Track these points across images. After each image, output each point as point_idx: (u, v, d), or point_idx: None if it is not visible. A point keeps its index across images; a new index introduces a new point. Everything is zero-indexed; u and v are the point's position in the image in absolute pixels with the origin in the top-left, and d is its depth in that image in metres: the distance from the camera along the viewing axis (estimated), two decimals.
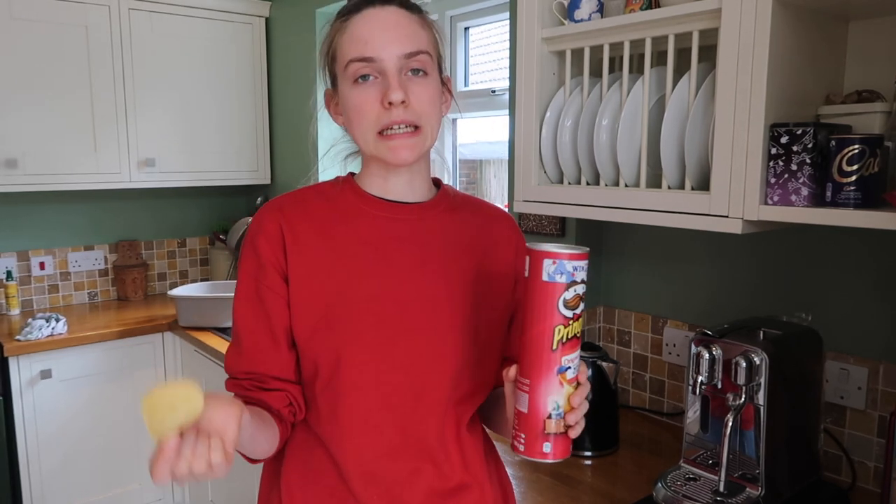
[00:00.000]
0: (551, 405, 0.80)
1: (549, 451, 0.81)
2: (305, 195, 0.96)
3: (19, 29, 2.47)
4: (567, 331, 0.78)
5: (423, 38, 0.89)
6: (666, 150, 1.27)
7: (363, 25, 0.87)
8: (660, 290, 1.75)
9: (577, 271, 0.77)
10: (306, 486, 0.94)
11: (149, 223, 3.16)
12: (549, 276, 0.77)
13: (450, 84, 0.98)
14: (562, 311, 0.78)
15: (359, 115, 0.88)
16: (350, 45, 0.87)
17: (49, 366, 2.42)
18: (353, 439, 0.90)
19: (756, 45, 1.12)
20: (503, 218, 1.05)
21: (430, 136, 0.90)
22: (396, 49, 0.86)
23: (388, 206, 0.95)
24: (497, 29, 2.40)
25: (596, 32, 1.39)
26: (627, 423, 1.70)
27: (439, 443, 0.93)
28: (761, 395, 1.19)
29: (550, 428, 0.80)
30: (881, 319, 1.34)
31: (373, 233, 0.93)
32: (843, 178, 1.06)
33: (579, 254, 0.78)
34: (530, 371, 0.80)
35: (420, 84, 0.87)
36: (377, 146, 0.89)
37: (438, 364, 0.91)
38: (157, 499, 2.72)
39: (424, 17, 0.91)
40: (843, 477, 1.39)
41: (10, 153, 2.49)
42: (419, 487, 0.92)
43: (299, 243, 0.91)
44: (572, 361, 0.80)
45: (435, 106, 0.90)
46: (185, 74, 2.87)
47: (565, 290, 0.77)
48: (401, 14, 0.88)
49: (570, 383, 0.80)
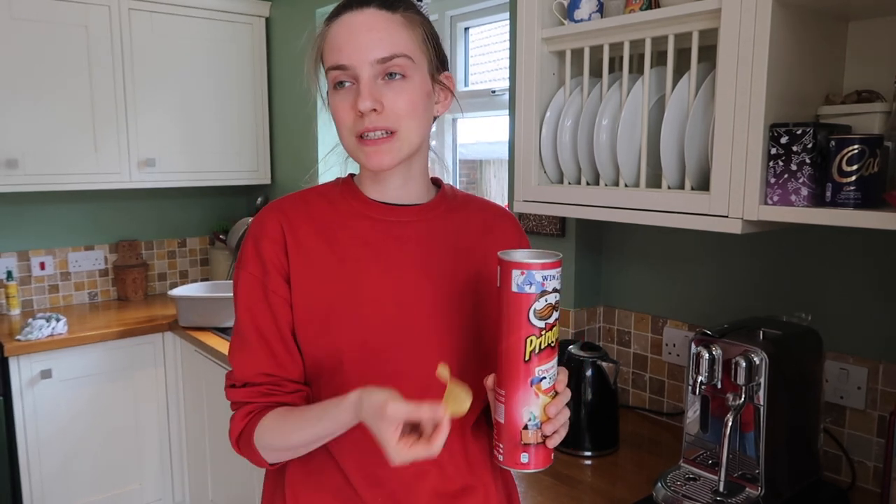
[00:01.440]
0: (527, 416, 0.79)
1: (527, 461, 0.81)
2: (306, 197, 0.96)
3: (19, 29, 2.47)
4: (539, 341, 0.77)
5: (403, 39, 0.87)
6: (666, 150, 1.27)
7: (339, 31, 0.87)
8: (660, 290, 1.75)
9: (547, 281, 0.76)
10: (311, 487, 0.94)
11: (149, 223, 3.16)
12: (519, 287, 0.76)
13: (450, 81, 0.96)
14: (533, 322, 0.77)
15: (338, 121, 0.89)
16: (328, 53, 0.88)
17: (49, 366, 2.42)
18: (356, 442, 0.90)
19: (756, 45, 1.12)
20: (505, 216, 1.05)
21: (409, 140, 0.88)
22: (368, 55, 0.84)
23: (388, 210, 0.94)
24: (497, 29, 2.40)
25: (596, 32, 1.39)
26: (627, 423, 1.70)
27: (444, 445, 0.93)
28: (761, 395, 1.19)
29: (527, 438, 0.80)
30: (881, 319, 1.34)
31: (373, 235, 0.93)
32: (843, 178, 1.06)
33: (549, 263, 0.76)
34: (505, 382, 0.80)
35: (395, 89, 0.86)
36: (357, 151, 0.89)
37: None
38: (158, 499, 2.72)
39: (409, 14, 0.89)
40: (842, 477, 1.39)
41: (10, 153, 2.49)
42: (423, 489, 0.92)
43: (301, 245, 0.91)
44: (547, 371, 0.79)
45: (415, 109, 0.88)
46: (186, 74, 2.87)
47: (535, 301, 0.76)
48: (377, 16, 0.86)
49: (546, 393, 0.80)
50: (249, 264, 0.92)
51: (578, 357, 1.55)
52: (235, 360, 0.93)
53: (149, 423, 2.68)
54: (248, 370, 0.92)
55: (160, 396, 2.70)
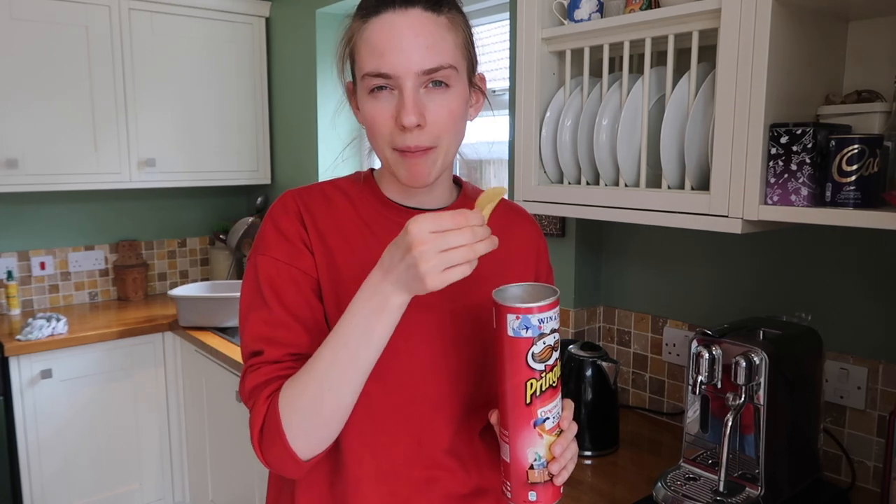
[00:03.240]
0: (532, 456, 0.78)
1: (535, 499, 0.80)
2: (326, 191, 0.93)
3: (19, 29, 2.47)
4: (540, 384, 0.76)
5: (449, 45, 0.82)
6: (666, 150, 1.27)
7: (380, 32, 0.80)
8: (660, 290, 1.75)
9: (544, 323, 0.74)
10: (321, 491, 0.92)
11: (149, 223, 3.16)
12: (515, 332, 0.74)
13: (483, 83, 0.92)
14: (532, 366, 0.75)
15: (373, 128, 0.84)
16: (367, 55, 0.81)
17: (49, 366, 2.42)
18: (368, 447, 0.89)
19: (756, 45, 1.12)
20: (525, 216, 1.03)
21: (447, 153, 0.86)
22: (415, 65, 0.79)
23: (409, 214, 0.91)
24: (497, 29, 2.40)
25: (596, 32, 1.39)
26: (627, 423, 1.70)
27: (454, 451, 0.92)
28: (761, 395, 1.19)
29: (534, 478, 0.79)
30: (881, 319, 1.34)
31: (392, 239, 0.91)
32: (843, 178, 1.06)
33: (545, 305, 0.74)
34: (508, 424, 0.79)
35: (439, 99, 0.82)
36: (394, 161, 0.84)
37: (455, 373, 0.90)
38: (158, 499, 2.72)
39: (453, 15, 0.83)
40: (842, 476, 1.39)
41: (10, 153, 2.49)
42: (435, 494, 0.91)
43: (319, 235, 0.88)
44: (550, 412, 0.78)
45: (456, 119, 0.84)
46: (186, 74, 2.87)
47: (533, 345, 0.74)
48: (424, 18, 0.80)
49: (551, 433, 0.78)
50: (271, 248, 0.87)
51: (578, 357, 1.55)
52: (261, 334, 0.84)
53: (149, 423, 2.68)
54: (279, 350, 0.84)
55: (160, 396, 2.70)
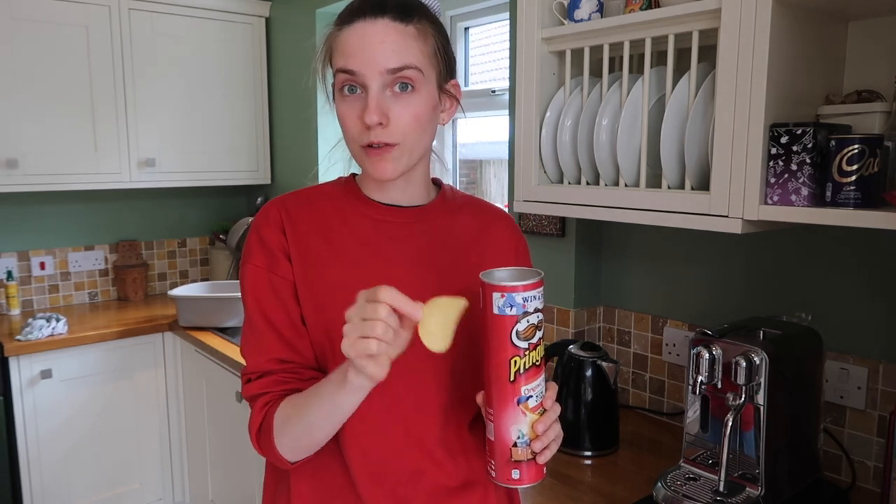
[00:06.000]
0: (515, 434, 0.81)
1: (518, 477, 0.82)
2: (309, 195, 0.98)
3: (19, 29, 2.47)
4: (523, 361, 0.78)
5: (414, 51, 0.87)
6: (666, 150, 1.27)
7: (351, 38, 0.87)
8: (660, 290, 1.75)
9: (528, 302, 0.77)
10: (314, 487, 0.94)
11: (149, 223, 3.16)
12: (500, 310, 0.77)
13: (456, 90, 0.96)
14: (516, 343, 0.78)
15: (343, 127, 0.90)
16: (338, 56, 0.88)
17: (49, 366, 2.42)
18: (357, 441, 0.91)
19: (756, 45, 1.12)
20: (503, 218, 1.06)
21: (410, 152, 0.90)
22: (379, 64, 0.85)
23: (388, 211, 0.96)
24: (497, 29, 2.40)
25: (596, 32, 1.39)
26: (627, 423, 1.70)
27: (442, 443, 0.94)
28: (761, 395, 1.19)
29: (517, 455, 0.81)
30: (881, 319, 1.34)
31: (372, 235, 0.94)
32: (843, 178, 1.06)
33: (529, 284, 0.77)
34: (492, 401, 0.81)
35: (403, 102, 0.87)
36: (361, 158, 0.90)
37: (438, 367, 0.92)
38: (158, 498, 2.72)
39: (422, 25, 0.89)
40: (842, 476, 1.39)
41: (10, 153, 2.49)
42: (423, 487, 0.93)
43: (299, 235, 0.93)
44: (533, 390, 0.80)
45: (421, 122, 0.89)
46: (186, 74, 2.87)
47: (517, 323, 0.77)
48: (391, 27, 0.86)
49: (534, 411, 0.81)
50: (254, 256, 0.93)
51: (578, 357, 1.55)
52: (248, 351, 0.92)
53: (149, 423, 2.68)
54: (261, 358, 0.91)
55: (160, 396, 2.70)
